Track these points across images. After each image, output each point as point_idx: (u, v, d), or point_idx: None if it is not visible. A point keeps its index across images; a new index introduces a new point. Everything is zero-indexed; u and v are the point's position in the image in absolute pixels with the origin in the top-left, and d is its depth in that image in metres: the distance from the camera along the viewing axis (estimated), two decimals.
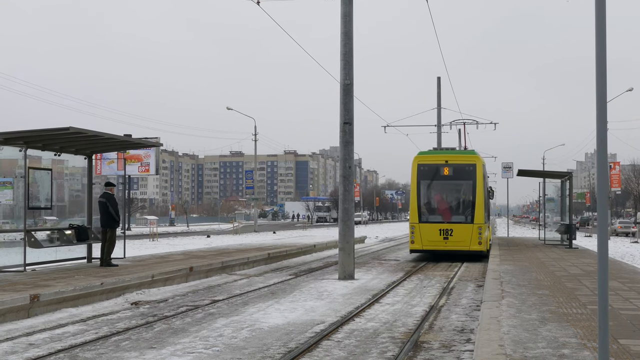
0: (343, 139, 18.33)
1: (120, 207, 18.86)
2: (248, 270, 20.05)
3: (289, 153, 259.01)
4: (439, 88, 49.37)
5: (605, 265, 5.19)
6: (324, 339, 9.43)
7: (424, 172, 25.41)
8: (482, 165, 25.63)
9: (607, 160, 5.33)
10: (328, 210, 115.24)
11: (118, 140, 17.26)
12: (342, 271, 17.76)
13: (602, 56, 5.22)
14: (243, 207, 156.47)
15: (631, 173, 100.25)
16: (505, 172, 54.70)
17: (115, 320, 11.01)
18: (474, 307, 12.51)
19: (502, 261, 19.82)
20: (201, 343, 9.09)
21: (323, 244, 30.56)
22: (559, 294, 12.13)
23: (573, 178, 29.09)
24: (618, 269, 17.44)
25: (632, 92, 52.41)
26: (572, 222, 28.54)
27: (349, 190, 18.48)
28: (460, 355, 8.46)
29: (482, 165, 25.85)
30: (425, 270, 20.50)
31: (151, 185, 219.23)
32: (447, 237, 24.26)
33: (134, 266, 17.00)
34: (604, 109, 5.22)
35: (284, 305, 12.74)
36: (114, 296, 13.43)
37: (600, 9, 5.25)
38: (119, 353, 8.49)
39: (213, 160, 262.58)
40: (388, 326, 10.58)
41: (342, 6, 18.39)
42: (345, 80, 18.28)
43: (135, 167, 52.15)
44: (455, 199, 25.84)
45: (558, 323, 8.93)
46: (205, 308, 12.37)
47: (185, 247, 31.04)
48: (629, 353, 7.02)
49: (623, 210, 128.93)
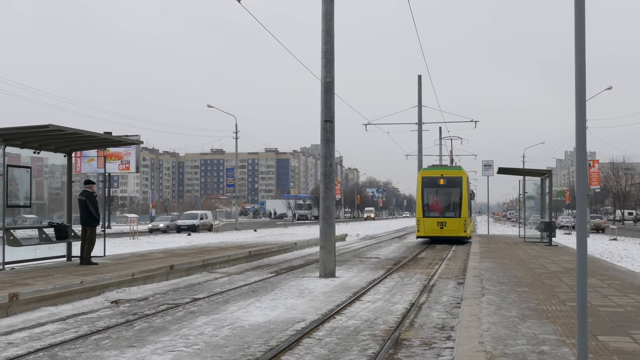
0: (324, 137, 18.34)
1: (100, 205, 18.75)
2: (229, 268, 20.02)
3: (270, 151, 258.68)
4: (419, 86, 49.56)
5: (584, 263, 5.22)
6: (305, 336, 9.43)
7: (426, 182, 36.00)
8: (466, 177, 37.06)
9: (586, 158, 5.37)
10: (309, 208, 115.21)
11: (98, 138, 17.16)
12: (323, 269, 17.77)
13: (581, 55, 5.25)
14: (224, 205, 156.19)
15: (610, 171, 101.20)
16: (486, 170, 54.90)
17: (95, 319, 10.95)
18: (455, 305, 12.55)
19: (482, 259, 19.91)
20: (182, 341, 9.06)
21: (304, 241, 30.57)
22: (538, 291, 12.20)
23: (553, 176, 29.25)
24: (597, 266, 17.57)
25: (612, 90, 52.85)
26: (552, 220, 28.69)
27: (330, 188, 18.50)
28: (441, 353, 8.48)
29: (467, 177, 37.32)
30: (406, 268, 20.55)
31: (131, 183, 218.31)
32: (442, 227, 34.99)
33: (114, 264, 16.92)
34: (583, 108, 5.25)
35: (265, 303, 12.72)
36: (94, 295, 13.36)
37: (579, 7, 5.28)
38: (99, 352, 8.44)
39: (194, 158, 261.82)
40: (369, 324, 10.59)
41: (323, 4, 18.39)
42: (326, 78, 18.29)
43: (115, 164, 52.01)
44: (448, 201, 35.92)
45: (538, 320, 8.98)
46: (186, 306, 12.33)
47: (166, 245, 30.90)
48: (607, 349, 7.06)
49: (602, 208, 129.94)
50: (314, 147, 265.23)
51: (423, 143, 50.30)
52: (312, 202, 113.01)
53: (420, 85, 49.47)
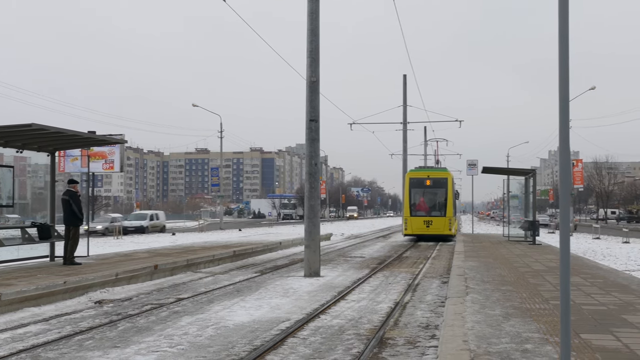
0: (309, 136, 18.34)
1: (84, 205, 18.66)
2: (213, 267, 19.97)
3: (255, 150, 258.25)
4: (404, 86, 49.68)
5: (567, 261, 5.25)
6: (289, 336, 9.42)
7: (413, 183, 37.49)
8: (451, 178, 38.46)
9: (569, 157, 5.39)
10: (294, 207, 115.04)
11: (82, 137, 17.07)
12: (307, 268, 17.76)
13: (564, 56, 5.27)
14: (209, 205, 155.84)
15: (593, 170, 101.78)
16: (470, 169, 54.98)
17: (78, 320, 10.90)
18: (439, 304, 12.58)
19: (466, 258, 19.97)
20: (166, 342, 9.03)
21: (289, 241, 30.55)
22: (522, 289, 12.25)
23: (537, 175, 29.38)
24: (580, 265, 17.66)
25: (595, 90, 53.18)
26: (536, 219, 28.82)
27: (315, 187, 18.50)
28: (425, 351, 8.50)
29: (452, 178, 38.69)
30: (391, 267, 20.58)
31: (115, 182, 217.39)
32: (428, 226, 36.22)
33: (97, 264, 16.85)
34: (567, 108, 5.27)
35: (250, 302, 12.71)
36: (78, 295, 13.29)
37: (563, 8, 5.30)
38: (82, 352, 8.40)
39: (178, 157, 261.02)
40: (353, 323, 10.60)
41: (309, 4, 18.40)
42: (311, 78, 18.29)
43: (99, 164, 51.73)
44: (434, 201, 37.35)
45: (521, 318, 9.01)
46: (170, 306, 12.30)
47: (150, 245, 30.80)
48: (590, 347, 7.10)
49: (585, 207, 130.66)
50: (299, 146, 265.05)
51: (408, 142, 50.53)
52: (297, 202, 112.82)
53: (405, 84, 49.57)
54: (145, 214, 56.19)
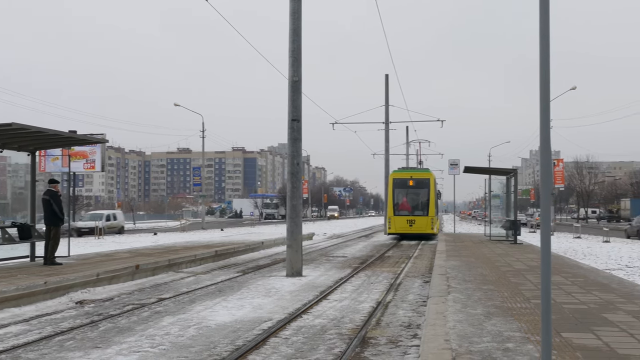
0: (291, 136, 18.33)
1: (65, 205, 18.55)
2: (195, 267, 19.92)
3: (237, 150, 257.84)
4: (386, 86, 49.75)
5: (548, 261, 5.27)
6: (271, 336, 9.41)
7: (397, 183, 38.76)
8: (434, 178, 40.11)
9: (550, 157, 5.41)
10: (276, 207, 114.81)
11: (62, 136, 16.97)
12: (289, 268, 17.75)
13: (545, 56, 5.29)
14: (190, 204, 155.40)
15: (574, 170, 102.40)
16: (452, 168, 55.16)
17: (59, 320, 10.83)
18: (421, 303, 12.60)
19: (448, 257, 20.04)
20: (147, 342, 8.99)
21: (271, 240, 30.51)
22: (503, 289, 12.31)
23: (518, 175, 29.53)
24: (561, 264, 17.77)
25: (576, 90, 53.50)
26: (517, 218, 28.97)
27: (297, 187, 18.49)
28: (407, 351, 8.51)
29: (434, 178, 40.33)
30: (373, 266, 20.61)
31: (97, 182, 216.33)
32: (411, 225, 37.54)
33: (78, 264, 16.76)
34: (548, 108, 5.30)
35: (232, 302, 12.68)
36: (58, 295, 13.21)
37: (544, 9, 5.32)
38: (63, 353, 8.35)
39: (160, 157, 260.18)
40: (336, 322, 10.60)
41: (291, 3, 18.39)
42: (293, 77, 18.28)
43: (80, 163, 51.38)
44: (417, 201, 38.59)
45: (503, 317, 9.05)
46: (152, 306, 12.25)
47: (132, 245, 30.66)
48: (571, 346, 7.14)
49: (566, 206, 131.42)
50: (281, 146, 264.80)
51: (390, 142, 50.59)
52: (280, 201, 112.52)
53: (387, 84, 49.63)
54: (101, 214, 52.43)
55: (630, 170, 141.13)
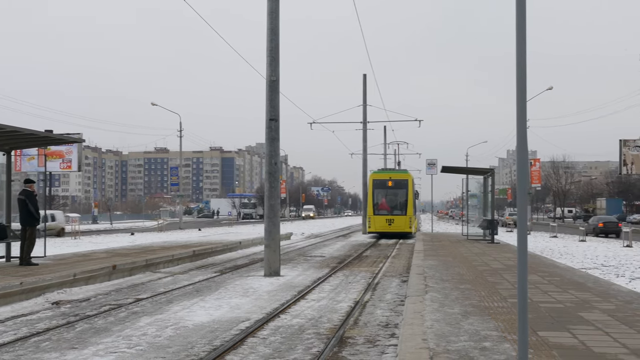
0: (269, 136, 18.31)
1: (41, 205, 18.41)
2: (173, 267, 19.84)
3: (215, 149, 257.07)
4: (364, 85, 49.83)
5: (525, 260, 5.30)
6: (249, 336, 9.39)
7: (376, 184, 40.51)
8: (412, 179, 41.84)
9: (527, 157, 5.45)
10: (254, 207, 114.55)
11: (38, 136, 16.84)
12: (267, 268, 17.73)
13: (522, 56, 5.32)
14: (168, 204, 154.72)
15: (551, 169, 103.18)
16: (430, 168, 55.29)
17: (35, 321, 10.75)
18: (399, 302, 12.64)
19: (426, 256, 20.10)
20: (124, 342, 8.94)
21: (249, 240, 30.47)
22: (481, 288, 12.37)
23: (495, 174, 29.69)
24: (538, 263, 17.89)
25: (552, 90, 53.88)
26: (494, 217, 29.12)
27: (275, 187, 18.47)
28: (385, 350, 8.53)
29: (412, 179, 42.10)
30: (351, 266, 20.63)
31: (73, 182, 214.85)
32: (390, 224, 39.12)
33: (55, 265, 16.64)
34: (524, 107, 5.33)
35: (209, 302, 12.65)
36: (34, 296, 13.10)
37: (520, 9, 5.35)
38: (39, 354, 8.28)
39: (137, 157, 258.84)
40: (313, 322, 10.61)
41: (269, 3, 18.37)
42: (271, 77, 18.26)
43: (56, 163, 51.02)
44: (395, 201, 40.17)
45: (480, 317, 9.09)
46: (129, 307, 12.18)
47: (109, 245, 30.46)
48: (547, 344, 7.19)
49: (543, 206, 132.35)
50: (259, 145, 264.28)
51: (368, 142, 50.74)
52: (257, 201, 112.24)
53: (365, 84, 49.71)
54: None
55: (606, 169, 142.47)
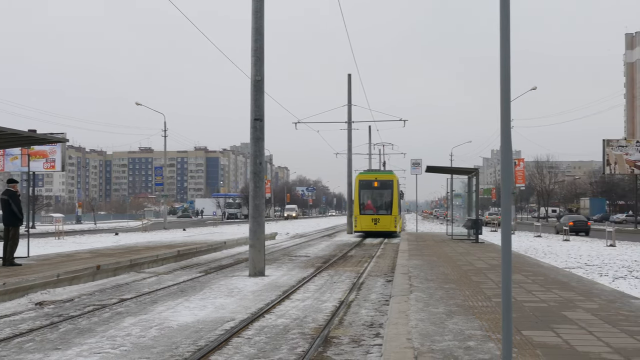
0: (254, 136, 18.29)
1: (24, 205, 18.30)
2: (157, 268, 19.78)
3: (200, 149, 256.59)
4: (349, 85, 49.84)
5: (509, 259, 5.32)
6: (234, 336, 9.37)
7: (362, 184, 41.74)
8: (396, 179, 43.76)
9: (511, 157, 5.46)
10: (239, 207, 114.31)
11: (22, 135, 16.73)
12: (252, 268, 17.71)
13: (506, 56, 5.33)
14: (152, 204, 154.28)
15: (535, 169, 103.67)
16: (414, 168, 55.28)
17: (18, 322, 10.68)
18: (383, 302, 12.65)
19: (411, 256, 20.13)
20: (108, 343, 8.90)
21: (233, 240, 30.43)
22: (465, 287, 12.40)
23: (479, 174, 29.77)
24: (522, 263, 17.96)
25: (536, 90, 54.16)
26: (479, 217, 29.21)
27: (259, 186, 18.45)
28: (370, 350, 8.53)
29: (397, 179, 44.04)
30: (335, 266, 20.64)
31: (57, 182, 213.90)
32: (376, 223, 40.37)
33: (38, 265, 16.55)
34: (508, 107, 5.34)
35: (194, 303, 12.62)
36: (17, 297, 13.02)
37: (504, 8, 5.36)
38: (22, 355, 8.23)
39: (122, 157, 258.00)
40: (298, 322, 10.60)
41: (253, 3, 18.34)
42: (256, 77, 18.23)
43: (40, 163, 50.81)
44: (381, 201, 41.53)
45: (464, 316, 9.12)
46: (113, 307, 12.13)
47: (93, 245, 30.32)
48: (531, 344, 7.22)
49: (527, 205, 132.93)
50: (244, 145, 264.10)
51: (353, 142, 50.74)
52: (242, 201, 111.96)
53: (349, 84, 49.72)
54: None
55: (590, 169, 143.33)
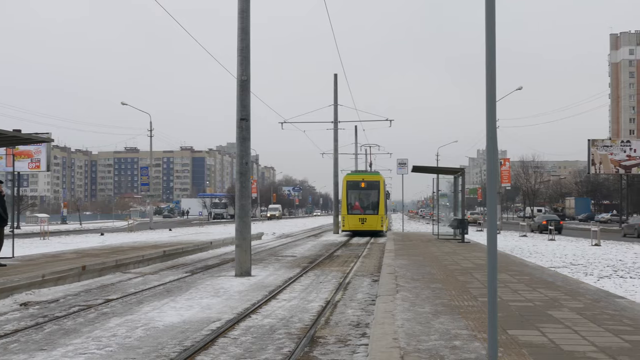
0: (240, 135, 18.26)
1: (9, 205, 18.20)
2: (143, 268, 19.71)
3: (186, 149, 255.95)
4: (335, 85, 49.83)
5: (495, 259, 5.33)
6: (220, 336, 9.36)
7: (350, 185, 43.11)
8: (383, 180, 45.26)
9: (497, 156, 5.48)
10: (225, 207, 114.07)
11: (6, 135, 16.64)
12: (238, 268, 17.68)
13: (491, 56, 5.35)
14: (138, 204, 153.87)
15: (520, 169, 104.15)
16: (400, 168, 55.29)
17: (2, 323, 10.61)
18: (370, 302, 12.66)
19: (397, 256, 20.16)
20: (94, 343, 8.86)
21: (220, 240, 30.37)
22: (451, 287, 12.43)
23: (465, 174, 29.87)
24: (508, 262, 18.02)
25: (522, 90, 54.38)
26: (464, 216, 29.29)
27: (245, 186, 18.42)
28: (356, 350, 8.54)
29: (383, 180, 45.65)
30: (322, 266, 20.64)
31: (42, 182, 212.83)
32: (363, 223, 41.76)
33: (23, 265, 16.46)
34: (494, 107, 5.36)
35: (180, 303, 12.58)
36: (2, 297, 12.93)
37: (489, 9, 5.38)
38: (7, 356, 8.18)
39: (107, 157, 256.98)
40: (285, 322, 10.59)
41: (239, 2, 18.31)
42: (242, 76, 18.21)
43: (25, 163, 50.57)
44: (368, 201, 42.86)
45: (450, 316, 9.13)
46: (99, 308, 12.08)
47: (78, 245, 30.18)
48: (517, 343, 7.24)
49: (512, 205, 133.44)
50: (230, 145, 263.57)
51: (339, 142, 50.71)
52: (228, 201, 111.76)
53: (336, 84, 49.71)
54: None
55: (575, 169, 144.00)
